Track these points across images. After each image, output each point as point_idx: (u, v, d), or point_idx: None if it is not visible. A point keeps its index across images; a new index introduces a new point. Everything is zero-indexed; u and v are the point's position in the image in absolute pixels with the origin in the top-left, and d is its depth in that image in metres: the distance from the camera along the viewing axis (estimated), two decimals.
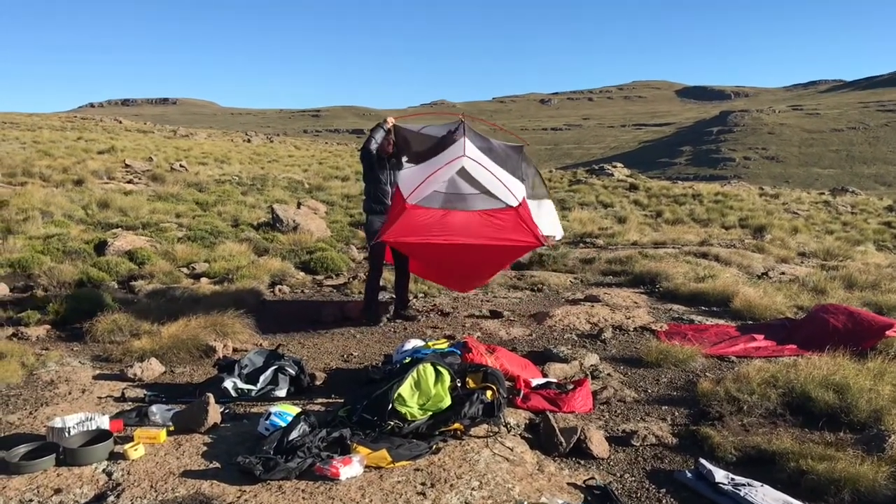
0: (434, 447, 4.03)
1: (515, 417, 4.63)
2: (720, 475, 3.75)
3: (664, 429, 4.56)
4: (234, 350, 6.42)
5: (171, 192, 18.60)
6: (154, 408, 4.61)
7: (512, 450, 4.11)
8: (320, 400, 5.12)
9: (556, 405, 4.90)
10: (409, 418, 4.30)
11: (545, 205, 7.92)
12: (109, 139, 40.24)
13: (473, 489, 3.59)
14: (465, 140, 6.75)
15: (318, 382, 5.49)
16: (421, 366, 4.53)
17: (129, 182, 21.09)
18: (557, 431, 4.25)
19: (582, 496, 3.68)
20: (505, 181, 6.59)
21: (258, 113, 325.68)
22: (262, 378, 5.19)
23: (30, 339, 6.72)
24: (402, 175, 7.03)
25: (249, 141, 60.15)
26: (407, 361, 4.81)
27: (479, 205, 6.36)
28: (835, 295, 8.57)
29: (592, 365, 5.95)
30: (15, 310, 7.70)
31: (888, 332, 6.18)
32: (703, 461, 3.92)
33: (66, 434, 4.07)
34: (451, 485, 3.62)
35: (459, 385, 4.63)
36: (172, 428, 4.37)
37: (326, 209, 17.38)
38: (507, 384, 4.91)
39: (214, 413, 4.46)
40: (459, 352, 5.24)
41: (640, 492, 3.80)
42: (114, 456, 3.97)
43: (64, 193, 16.80)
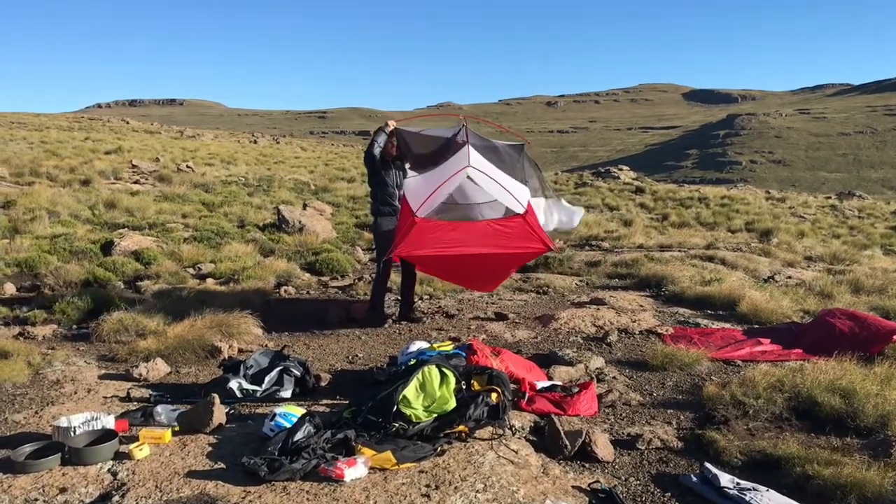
0: (439, 449, 4.03)
1: (520, 420, 4.62)
2: (725, 479, 3.73)
3: (669, 432, 4.55)
4: (240, 351, 6.44)
5: (178, 193, 18.64)
6: (159, 408, 4.62)
7: (517, 452, 4.11)
8: (325, 401, 5.12)
9: (561, 408, 4.89)
10: (414, 420, 4.30)
11: (562, 202, 8.05)
12: (116, 139, 40.42)
13: (478, 492, 3.58)
14: (469, 148, 6.76)
15: (324, 384, 5.49)
16: (426, 368, 4.53)
17: (136, 182, 21.16)
18: (562, 434, 4.24)
19: (587, 499, 3.67)
20: (510, 188, 6.59)
21: (264, 114, 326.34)
22: (268, 379, 5.20)
23: (36, 339, 6.75)
24: (409, 185, 7.03)
25: (256, 142, 60.34)
26: (412, 363, 4.82)
27: (487, 214, 6.45)
28: (841, 299, 8.53)
29: (598, 368, 5.94)
30: (21, 309, 7.74)
31: (895, 337, 6.15)
32: (709, 465, 3.91)
33: (72, 433, 4.08)
34: (456, 487, 3.62)
35: (464, 387, 4.63)
36: (177, 428, 4.38)
37: (332, 210, 17.40)
38: (513, 387, 4.91)
39: (219, 413, 4.47)
40: (464, 354, 5.23)
41: (645, 495, 3.79)
42: (119, 456, 3.98)
43: (71, 193, 16.87)
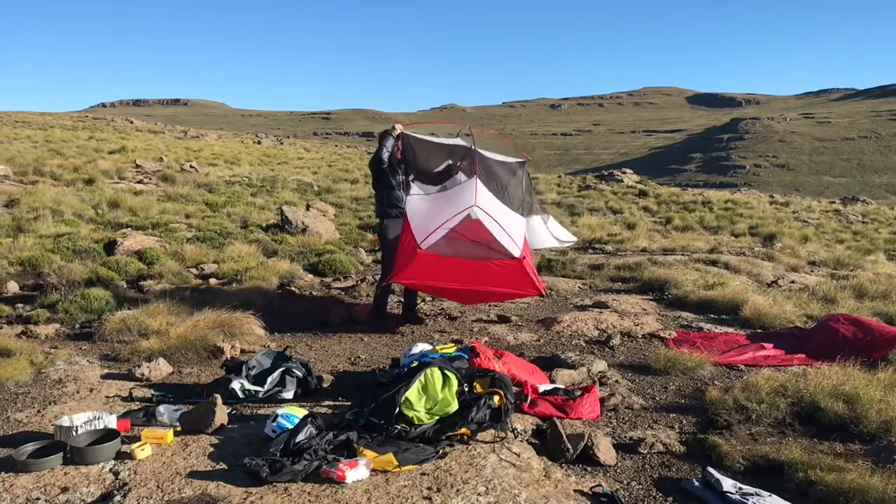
0: (441, 452, 4.03)
1: (522, 423, 4.61)
2: (728, 484, 3.72)
3: (672, 437, 4.53)
4: (242, 351, 6.44)
5: (181, 193, 18.68)
6: (161, 408, 4.62)
7: (519, 455, 4.10)
8: (327, 402, 5.12)
9: (564, 411, 4.89)
10: (416, 422, 4.30)
11: (551, 220, 8.43)
12: (120, 139, 40.52)
13: (479, 494, 3.57)
14: (477, 183, 6.96)
15: (326, 385, 5.49)
16: (429, 370, 4.53)
17: (140, 182, 21.20)
18: (564, 438, 4.23)
19: (588, 503, 3.67)
20: (509, 228, 6.79)
21: (268, 115, 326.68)
22: (270, 380, 5.20)
23: (39, 338, 6.75)
24: (413, 204, 7.11)
25: (259, 142, 60.40)
26: (414, 365, 4.81)
27: (486, 254, 6.64)
28: (845, 304, 8.51)
29: (600, 371, 5.93)
30: (24, 308, 7.75)
31: None
32: (711, 470, 3.89)
33: (74, 433, 4.08)
34: (458, 490, 3.61)
35: (467, 390, 4.62)
36: (179, 428, 4.38)
37: (335, 211, 17.40)
38: (515, 389, 4.90)
39: (221, 414, 4.47)
40: (467, 356, 5.23)
41: (647, 500, 3.78)
42: (121, 455, 3.99)
43: (74, 193, 16.91)
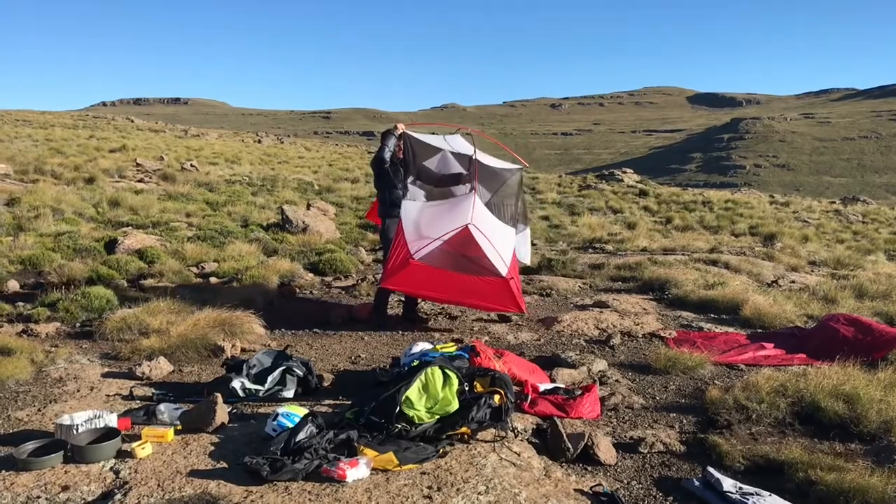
0: (441, 451, 4.03)
1: (523, 422, 4.61)
2: (728, 484, 3.73)
3: (672, 436, 4.54)
4: (243, 350, 6.44)
5: (182, 192, 18.68)
6: (162, 406, 4.63)
7: (519, 455, 4.10)
8: (328, 401, 5.12)
9: (564, 411, 4.89)
10: (417, 421, 4.31)
11: (527, 233, 8.60)
12: (121, 138, 40.50)
13: (480, 493, 3.58)
14: (475, 200, 7.21)
15: (326, 384, 5.50)
16: (429, 369, 4.53)
17: (140, 181, 21.20)
18: (565, 437, 4.24)
19: (589, 502, 3.67)
20: (500, 248, 7.09)
21: (269, 114, 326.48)
22: (270, 379, 5.20)
23: (39, 336, 6.75)
24: (408, 210, 7.23)
25: (260, 142, 60.36)
26: (415, 364, 4.81)
27: (475, 271, 6.95)
28: (845, 304, 8.51)
29: (601, 371, 5.94)
30: (25, 306, 7.75)
31: None
32: (711, 469, 3.90)
33: (74, 431, 4.09)
34: (458, 489, 3.61)
35: (467, 389, 4.63)
36: (180, 427, 4.39)
37: (336, 211, 17.40)
38: (515, 389, 4.90)
39: (222, 413, 4.47)
40: (467, 355, 5.23)
41: (647, 499, 3.78)
42: (121, 454, 3.99)
43: (75, 191, 16.92)
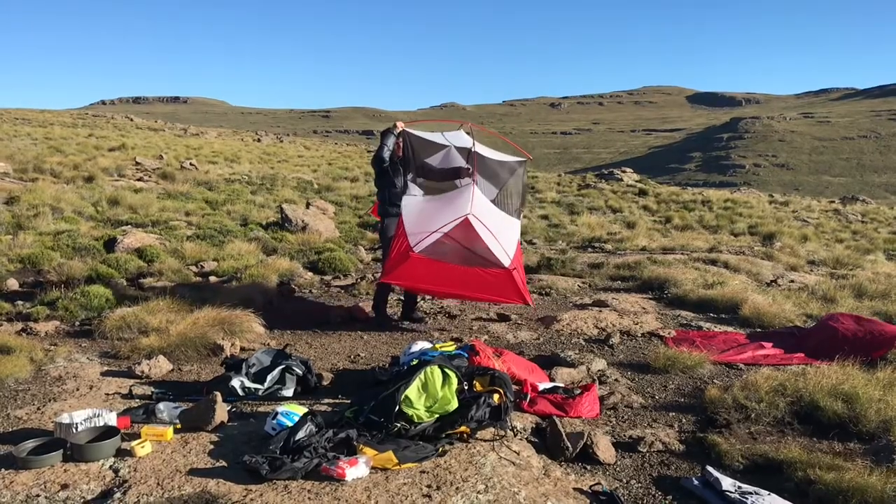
0: (440, 450, 4.03)
1: (522, 421, 4.62)
2: (727, 483, 3.73)
3: (671, 435, 4.54)
4: (242, 349, 6.44)
5: (181, 191, 18.68)
6: (161, 405, 4.63)
7: (518, 454, 4.11)
8: (327, 400, 5.12)
9: (563, 410, 4.89)
10: (416, 420, 4.31)
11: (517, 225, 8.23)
12: (120, 137, 40.46)
13: (479, 492, 3.58)
14: (475, 191, 7.04)
15: (325, 383, 5.50)
16: (428, 368, 4.53)
17: (140, 180, 21.19)
18: (564, 436, 4.24)
19: (588, 501, 3.67)
20: (502, 239, 6.91)
21: (268, 113, 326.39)
22: (270, 377, 5.21)
23: (38, 335, 6.75)
24: (409, 205, 7.14)
25: (259, 140, 60.32)
26: (414, 363, 4.81)
27: (478, 262, 6.78)
28: (844, 304, 8.51)
29: (600, 370, 5.94)
30: (24, 305, 7.75)
31: None
32: (710, 469, 3.90)
33: (74, 430, 4.09)
34: (457, 488, 3.62)
35: (466, 388, 4.63)
36: (179, 426, 4.39)
37: (335, 210, 17.40)
38: (514, 388, 4.90)
39: (221, 412, 4.48)
40: (467, 354, 5.23)
41: (647, 498, 3.78)
42: (121, 453, 3.99)
43: (74, 190, 16.91)
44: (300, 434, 3.97)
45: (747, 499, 3.57)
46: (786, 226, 20.43)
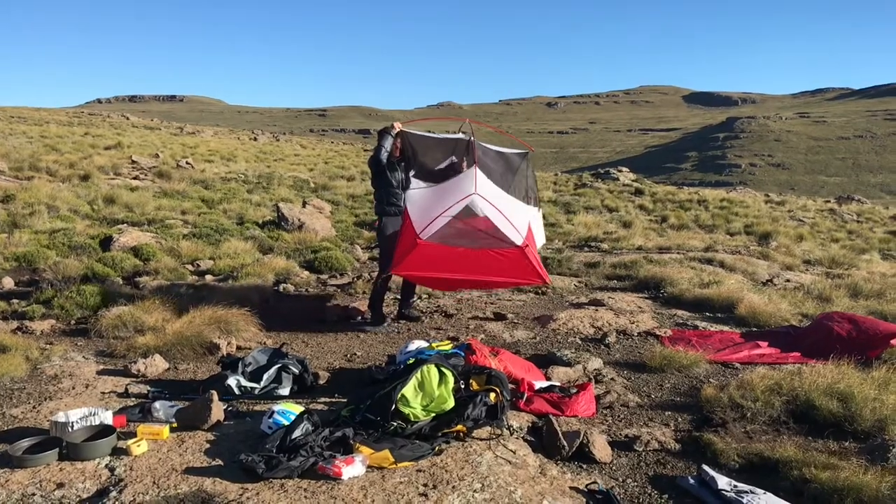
0: (437, 448, 4.03)
1: (518, 420, 4.62)
2: (723, 482, 3.74)
3: (667, 434, 4.55)
4: (238, 348, 6.44)
5: (177, 189, 18.62)
6: (157, 404, 4.62)
7: (514, 452, 4.11)
8: (323, 399, 5.12)
9: (560, 409, 4.90)
10: (413, 419, 4.31)
11: (538, 214, 8.08)
12: (116, 135, 40.35)
13: (475, 491, 3.58)
14: (477, 172, 6.80)
15: (322, 382, 5.50)
16: (425, 367, 4.54)
17: (136, 178, 21.13)
18: (560, 435, 4.24)
19: (584, 500, 3.68)
20: (511, 216, 6.61)
21: (265, 111, 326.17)
22: (266, 376, 5.20)
23: (34, 334, 6.74)
24: (412, 197, 6.99)
25: (256, 139, 60.25)
26: (411, 362, 4.81)
27: (488, 243, 6.44)
28: (840, 303, 8.54)
29: (596, 369, 5.95)
30: (20, 304, 7.73)
31: (893, 341, 6.16)
32: (706, 468, 3.91)
33: (70, 429, 4.08)
34: (453, 486, 3.62)
35: (463, 387, 4.64)
36: (175, 424, 4.38)
37: (331, 208, 17.39)
38: (511, 387, 4.91)
39: (218, 410, 4.47)
40: (463, 353, 5.23)
41: (643, 497, 3.79)
42: (116, 451, 3.99)
43: (70, 188, 16.86)
44: (296, 433, 3.97)
45: (743, 498, 3.58)
46: (781, 225, 20.47)
